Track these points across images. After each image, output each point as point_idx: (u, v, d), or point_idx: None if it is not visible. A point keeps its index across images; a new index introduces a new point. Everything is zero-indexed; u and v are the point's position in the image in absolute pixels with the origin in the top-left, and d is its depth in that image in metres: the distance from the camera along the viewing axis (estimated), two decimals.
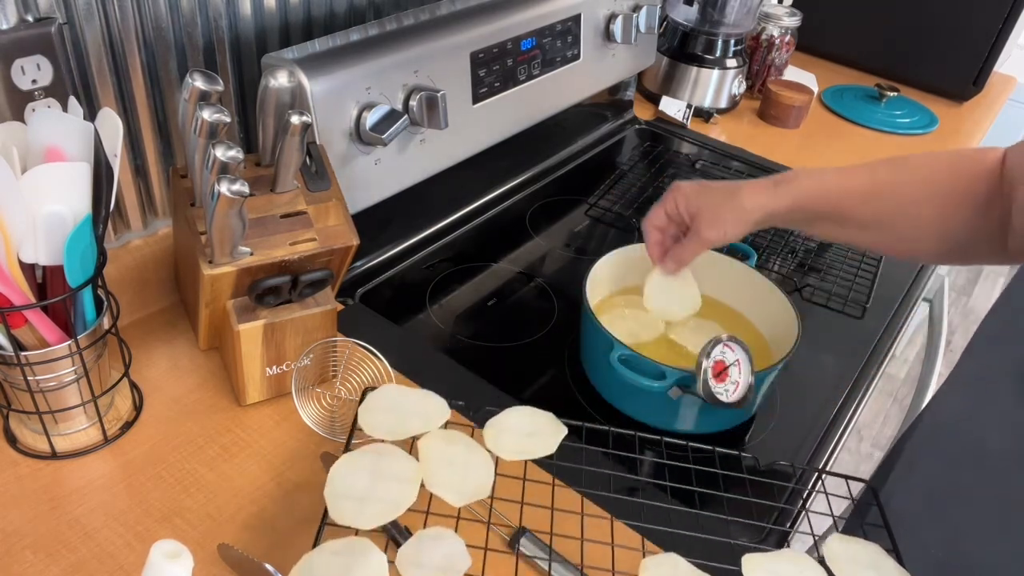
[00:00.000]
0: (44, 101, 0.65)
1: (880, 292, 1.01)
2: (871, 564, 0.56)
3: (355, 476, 0.56)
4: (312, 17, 0.86)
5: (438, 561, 0.52)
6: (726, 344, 0.70)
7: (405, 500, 0.55)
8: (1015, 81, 1.72)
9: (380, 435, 0.60)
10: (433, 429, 0.61)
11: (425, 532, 0.54)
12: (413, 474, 0.57)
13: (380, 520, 0.53)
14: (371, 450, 0.58)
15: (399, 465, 0.57)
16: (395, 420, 0.61)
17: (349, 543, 0.52)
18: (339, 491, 0.55)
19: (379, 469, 0.57)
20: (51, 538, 0.61)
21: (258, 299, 0.67)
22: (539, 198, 1.14)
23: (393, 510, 0.54)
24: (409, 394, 0.64)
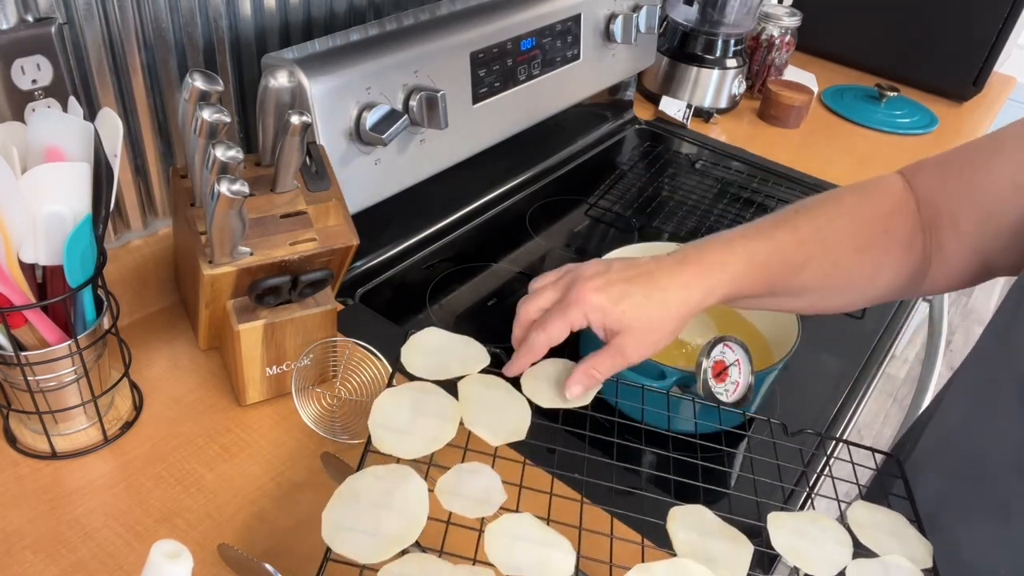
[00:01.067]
0: (44, 101, 0.65)
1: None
2: (893, 532, 0.57)
3: (398, 409, 0.58)
4: (312, 17, 0.86)
5: (476, 493, 0.53)
6: (726, 344, 0.70)
7: (445, 435, 0.57)
8: (1015, 81, 1.72)
9: (422, 374, 0.62)
10: (472, 373, 0.62)
11: (463, 466, 0.55)
12: (453, 412, 0.59)
13: (420, 452, 0.55)
14: (413, 387, 0.60)
15: (440, 403, 0.59)
16: (437, 362, 0.63)
17: (391, 469, 0.53)
18: (382, 421, 0.56)
19: (420, 405, 0.58)
20: (51, 538, 0.61)
21: (258, 299, 0.67)
22: (539, 198, 1.14)
23: (433, 443, 0.56)
24: (451, 338, 0.66)
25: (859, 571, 0.53)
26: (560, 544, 0.51)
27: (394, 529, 0.50)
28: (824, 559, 0.53)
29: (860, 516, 0.57)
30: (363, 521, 0.50)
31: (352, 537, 0.49)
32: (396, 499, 0.51)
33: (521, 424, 0.59)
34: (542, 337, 0.61)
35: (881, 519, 0.58)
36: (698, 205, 1.15)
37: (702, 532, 0.54)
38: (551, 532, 0.52)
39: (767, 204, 1.17)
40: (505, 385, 0.62)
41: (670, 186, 1.19)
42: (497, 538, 0.51)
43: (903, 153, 1.37)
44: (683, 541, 0.53)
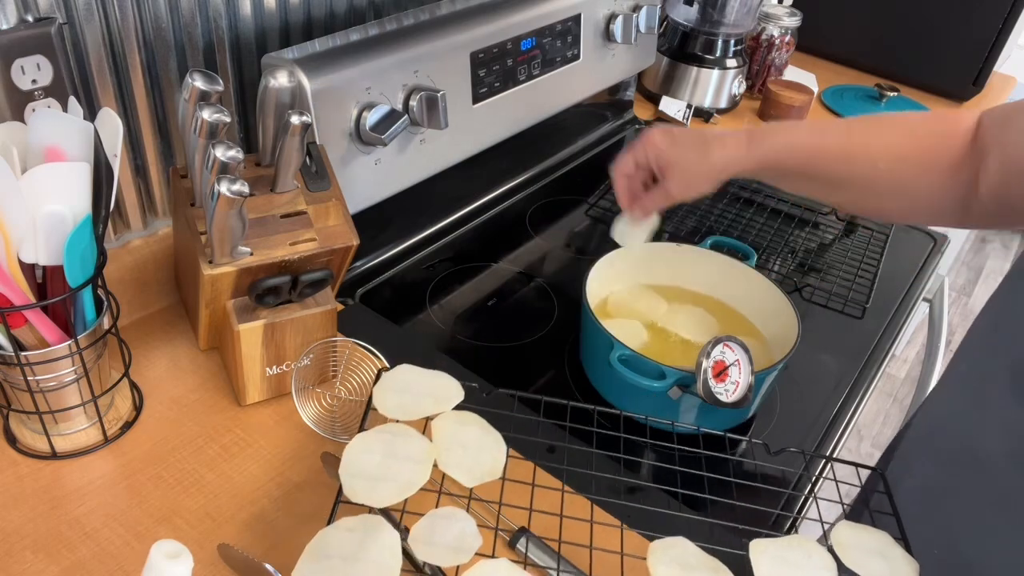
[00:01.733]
0: (44, 101, 0.65)
1: (880, 292, 1.01)
2: (879, 552, 0.56)
3: (369, 455, 0.57)
4: (312, 17, 0.86)
5: (450, 540, 0.53)
6: (726, 344, 0.70)
7: (419, 480, 0.56)
8: (1015, 81, 1.72)
9: (394, 416, 0.61)
10: (446, 410, 0.61)
11: (437, 512, 0.55)
12: (426, 454, 0.58)
13: (394, 499, 0.54)
14: (385, 430, 0.59)
15: (412, 445, 0.58)
16: (409, 401, 0.62)
17: (363, 520, 0.52)
18: (353, 470, 0.55)
19: (393, 449, 0.57)
20: (51, 538, 0.61)
21: (258, 299, 0.67)
22: (539, 198, 1.14)
23: (406, 489, 0.55)
24: (423, 375, 0.64)
25: None
26: None
27: None
28: None
29: (844, 537, 0.57)
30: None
31: None
32: (368, 552, 0.50)
33: (497, 462, 0.58)
34: (618, 170, 0.78)
35: (866, 539, 0.57)
36: (698, 205, 1.15)
37: (684, 566, 0.53)
38: (525, 575, 0.51)
39: (767, 204, 1.17)
40: (480, 422, 0.61)
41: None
42: None
43: None
44: (664, 575, 0.53)
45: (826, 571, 0.54)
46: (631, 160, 0.77)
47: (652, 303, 0.87)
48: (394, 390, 0.63)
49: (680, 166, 0.73)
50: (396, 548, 0.51)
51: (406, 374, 0.64)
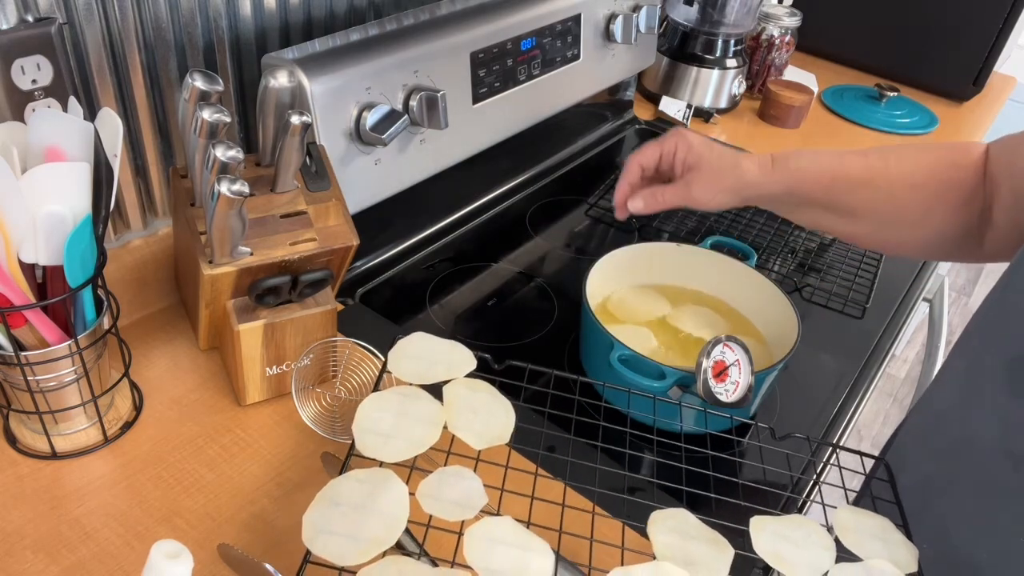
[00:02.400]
0: (44, 101, 0.65)
1: (880, 292, 1.01)
2: (879, 536, 0.56)
3: (382, 414, 0.58)
4: (312, 17, 0.86)
5: (456, 496, 0.54)
6: (726, 344, 0.70)
7: (429, 439, 0.57)
8: (1015, 81, 1.72)
9: (408, 379, 0.62)
10: (458, 377, 0.62)
11: (445, 469, 0.55)
12: (437, 416, 0.59)
13: (404, 455, 0.55)
14: (398, 391, 0.60)
15: (424, 407, 0.59)
16: (423, 366, 0.63)
17: (373, 472, 0.53)
18: (366, 426, 0.56)
19: (405, 409, 0.58)
20: (51, 538, 0.61)
21: (258, 299, 0.67)
22: (539, 198, 1.14)
23: (416, 447, 0.56)
24: (437, 343, 0.65)
25: (841, 575, 0.53)
26: (539, 547, 0.51)
27: (374, 532, 0.50)
28: (806, 563, 0.53)
29: (845, 520, 0.57)
30: (343, 524, 0.50)
31: (332, 540, 0.49)
32: (377, 502, 0.51)
33: (505, 428, 0.59)
34: (635, 158, 0.77)
35: (867, 523, 0.57)
36: None
37: (683, 535, 0.54)
38: (530, 536, 0.52)
39: None
40: (490, 389, 0.62)
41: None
42: (476, 541, 0.51)
43: None
44: (663, 544, 0.53)
45: (825, 551, 0.54)
46: (656, 151, 0.76)
47: (653, 303, 0.87)
48: (409, 356, 0.64)
49: (710, 169, 0.73)
50: (404, 499, 0.52)
51: (421, 341, 0.65)
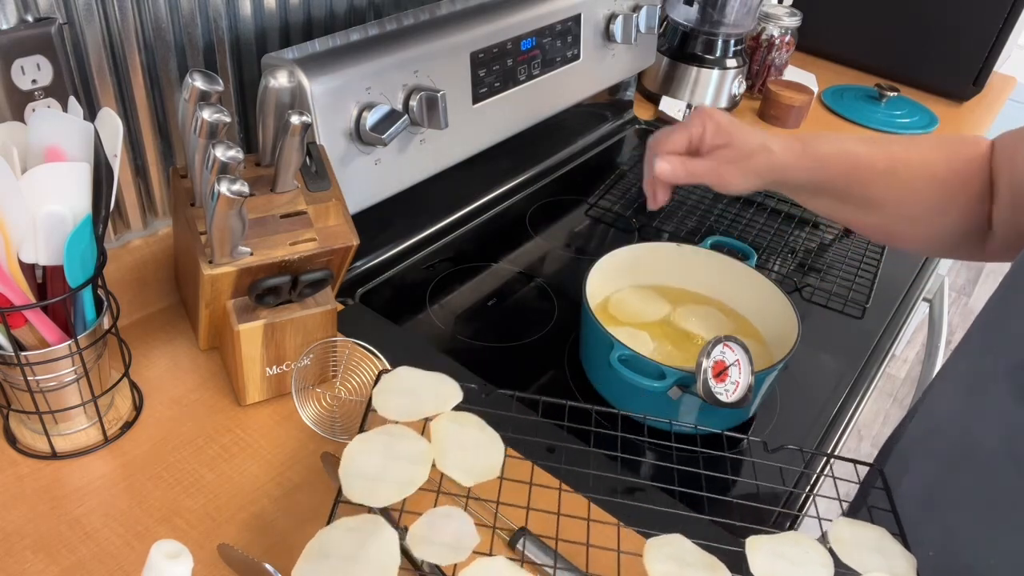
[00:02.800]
0: (44, 101, 0.65)
1: (880, 292, 1.01)
2: (876, 547, 0.56)
3: (369, 456, 0.57)
4: (312, 17, 0.86)
5: (448, 539, 0.53)
6: (726, 344, 0.70)
7: (417, 479, 0.56)
8: (1015, 81, 1.72)
9: (394, 417, 0.61)
10: (445, 411, 0.62)
11: (436, 511, 0.55)
12: (425, 455, 0.58)
13: (393, 498, 0.54)
14: (384, 431, 0.59)
15: (411, 446, 0.58)
16: (409, 402, 0.62)
17: (363, 520, 0.52)
18: (352, 470, 0.56)
19: (392, 450, 0.58)
20: (51, 538, 0.61)
21: (258, 299, 0.67)
22: (539, 198, 1.14)
23: (405, 488, 0.55)
24: (423, 376, 0.65)
25: None
26: None
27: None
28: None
29: (842, 533, 0.57)
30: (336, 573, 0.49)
31: None
32: (367, 551, 0.50)
33: (494, 462, 0.59)
34: (663, 145, 0.73)
35: (864, 535, 0.57)
36: (698, 205, 1.15)
37: (680, 562, 0.53)
38: (523, 573, 0.51)
39: (767, 204, 1.17)
40: (478, 422, 0.61)
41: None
42: None
43: None
44: (661, 573, 0.52)
45: (823, 568, 0.54)
46: (685, 136, 0.73)
47: (653, 304, 0.87)
48: (394, 392, 0.63)
49: (740, 151, 0.71)
50: (395, 547, 0.51)
51: (406, 375, 0.64)
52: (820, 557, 0.54)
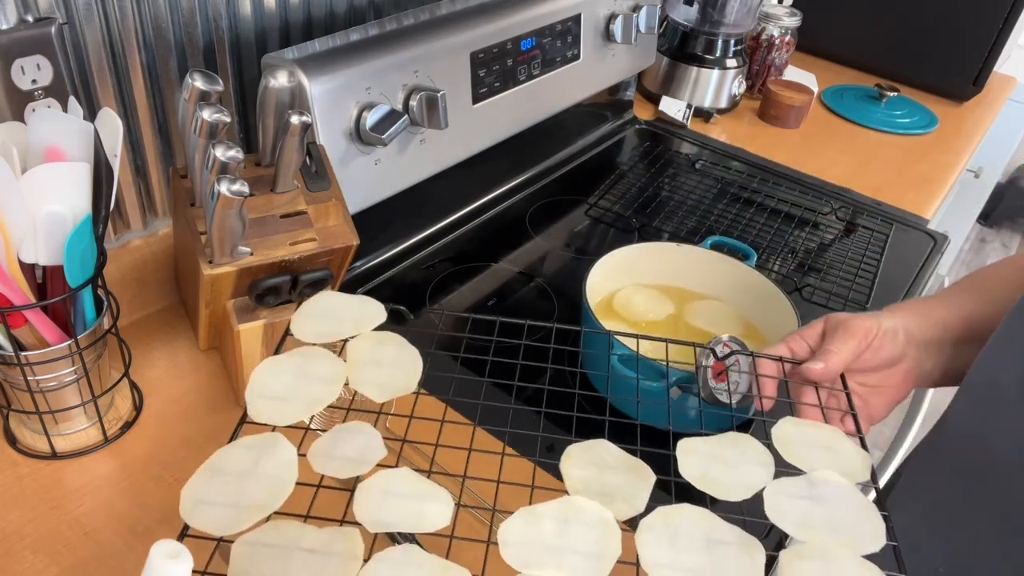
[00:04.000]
0: (44, 101, 0.65)
1: (880, 292, 1.01)
2: (826, 446, 0.52)
3: (278, 378, 0.54)
4: (312, 17, 0.86)
5: (352, 453, 0.50)
6: (726, 344, 0.70)
7: (327, 397, 0.53)
8: (1015, 81, 1.72)
9: (310, 339, 0.58)
10: (365, 331, 0.59)
11: (342, 426, 0.52)
12: (338, 374, 0.55)
13: (297, 417, 0.51)
14: (298, 353, 0.56)
15: (325, 366, 0.55)
16: (328, 325, 0.59)
17: (262, 438, 0.50)
18: (258, 391, 0.52)
19: (304, 371, 0.54)
20: (51, 538, 0.61)
21: (258, 299, 0.67)
22: (539, 198, 1.14)
23: (312, 407, 0.52)
24: (346, 299, 0.61)
25: (778, 491, 0.48)
26: (438, 495, 0.48)
27: (257, 498, 0.46)
28: (738, 483, 0.48)
29: (786, 431, 0.52)
30: (225, 494, 0.46)
31: (211, 511, 0.46)
32: (262, 468, 0.48)
33: (411, 378, 0.55)
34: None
35: (812, 434, 0.52)
36: (698, 205, 1.15)
37: (601, 466, 0.49)
38: (429, 484, 0.48)
39: (767, 204, 1.17)
40: (398, 340, 0.58)
41: (670, 186, 1.20)
42: (366, 496, 0.47)
43: (903, 153, 1.37)
44: (576, 479, 0.48)
45: (762, 467, 0.49)
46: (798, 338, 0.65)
47: (656, 303, 0.87)
48: (314, 316, 0.59)
49: (888, 383, 0.65)
50: (293, 462, 0.48)
51: (328, 299, 0.61)
52: (759, 456, 0.50)
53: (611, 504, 0.47)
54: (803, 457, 0.50)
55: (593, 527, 0.46)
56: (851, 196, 1.20)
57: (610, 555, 0.45)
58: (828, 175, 1.25)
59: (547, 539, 0.45)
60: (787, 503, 0.47)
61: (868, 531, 0.47)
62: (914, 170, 1.31)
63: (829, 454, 0.51)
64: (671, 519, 0.47)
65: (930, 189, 1.26)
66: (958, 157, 1.38)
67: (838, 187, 1.22)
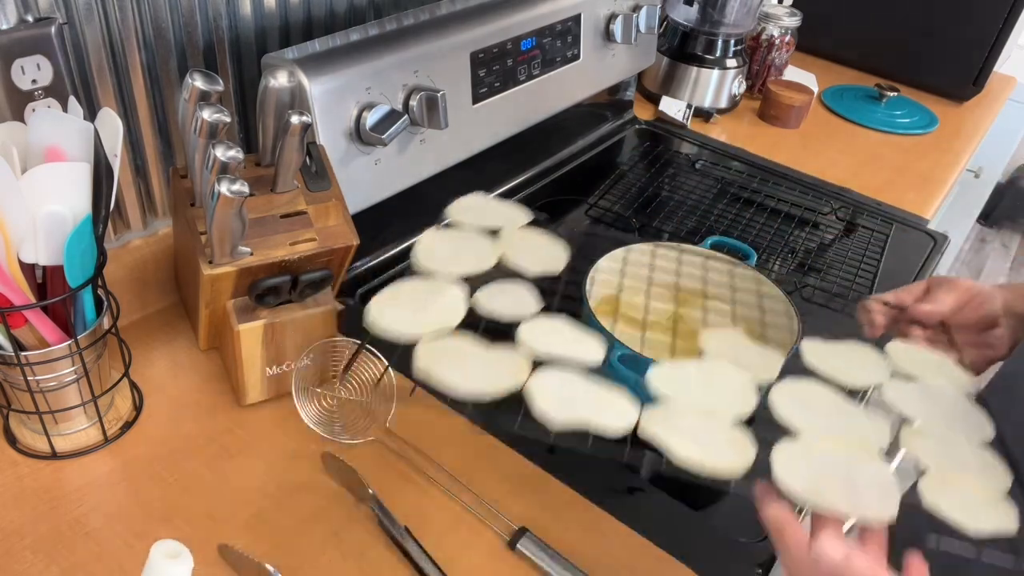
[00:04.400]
0: (44, 101, 0.65)
1: (880, 292, 1.00)
2: (936, 366, 0.57)
3: (440, 245, 0.63)
4: (312, 17, 0.86)
5: (511, 303, 0.58)
6: None
7: (486, 263, 0.62)
8: (1015, 81, 1.72)
9: (466, 221, 0.66)
10: (513, 228, 0.67)
11: (500, 282, 0.61)
12: (493, 249, 0.64)
13: (463, 270, 0.60)
14: (456, 229, 0.66)
15: (480, 243, 0.65)
16: (480, 216, 0.68)
17: (431, 280, 0.59)
18: (426, 249, 0.63)
19: (462, 244, 0.64)
20: (51, 538, 0.61)
21: (258, 299, 0.67)
22: (539, 198, 1.14)
23: (477, 265, 0.61)
24: (494, 202, 0.72)
25: (897, 389, 0.53)
26: (593, 340, 0.56)
27: (433, 318, 0.55)
28: (859, 374, 0.54)
29: (900, 350, 0.57)
30: (405, 310, 0.55)
31: (395, 315, 0.54)
32: (436, 299, 0.56)
33: (558, 260, 0.64)
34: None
35: (923, 356, 0.58)
36: (698, 205, 1.15)
37: (734, 345, 0.57)
38: (585, 331, 0.56)
39: (767, 204, 1.17)
40: (547, 235, 0.67)
41: (670, 186, 1.20)
42: (531, 328, 0.56)
43: (903, 153, 1.37)
44: (713, 348, 0.55)
45: (879, 367, 0.55)
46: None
47: (662, 302, 0.87)
48: (466, 208, 0.69)
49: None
50: (461, 298, 0.57)
51: (479, 199, 0.71)
52: (878, 360, 0.56)
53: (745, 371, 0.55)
54: (916, 370, 0.56)
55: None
56: (851, 196, 1.20)
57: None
58: (828, 175, 1.25)
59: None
60: (900, 396, 0.54)
61: (975, 424, 0.53)
62: (914, 170, 1.31)
63: (939, 370, 0.57)
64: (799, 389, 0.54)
65: (930, 189, 1.26)
66: (958, 157, 1.38)
67: (838, 187, 1.22)
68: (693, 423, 0.51)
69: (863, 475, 0.47)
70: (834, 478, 0.46)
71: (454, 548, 0.63)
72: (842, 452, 0.49)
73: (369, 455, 0.70)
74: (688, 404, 0.52)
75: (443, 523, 0.64)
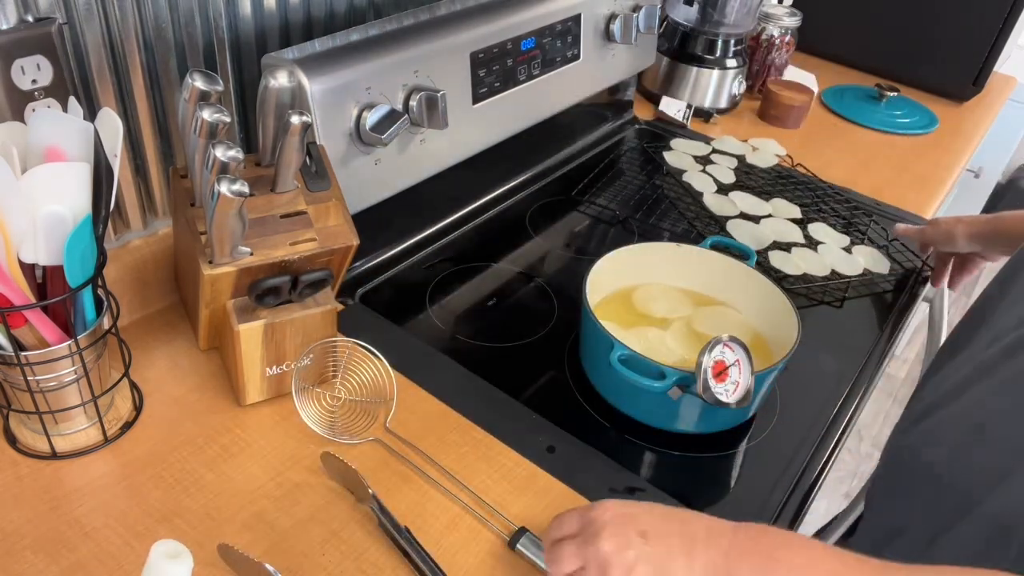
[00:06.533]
0: (44, 101, 0.65)
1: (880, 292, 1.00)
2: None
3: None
4: (312, 17, 0.86)
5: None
6: (726, 344, 0.70)
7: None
8: (1015, 81, 1.72)
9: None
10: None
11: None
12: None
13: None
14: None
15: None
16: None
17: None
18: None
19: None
20: (51, 538, 0.61)
21: (258, 299, 0.67)
22: (539, 198, 1.14)
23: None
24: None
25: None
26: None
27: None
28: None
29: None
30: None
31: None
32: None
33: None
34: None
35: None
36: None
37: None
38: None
39: None
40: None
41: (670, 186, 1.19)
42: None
43: (903, 153, 1.37)
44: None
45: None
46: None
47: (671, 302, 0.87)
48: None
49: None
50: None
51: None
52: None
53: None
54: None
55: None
56: (851, 196, 1.20)
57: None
58: (828, 175, 1.25)
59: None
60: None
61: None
62: (914, 170, 1.31)
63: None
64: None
65: (930, 189, 1.26)
66: (958, 157, 1.38)
67: (838, 187, 1.22)
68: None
69: None
70: None
71: (454, 548, 0.63)
72: None
73: (369, 455, 0.70)
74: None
75: (442, 523, 0.64)
